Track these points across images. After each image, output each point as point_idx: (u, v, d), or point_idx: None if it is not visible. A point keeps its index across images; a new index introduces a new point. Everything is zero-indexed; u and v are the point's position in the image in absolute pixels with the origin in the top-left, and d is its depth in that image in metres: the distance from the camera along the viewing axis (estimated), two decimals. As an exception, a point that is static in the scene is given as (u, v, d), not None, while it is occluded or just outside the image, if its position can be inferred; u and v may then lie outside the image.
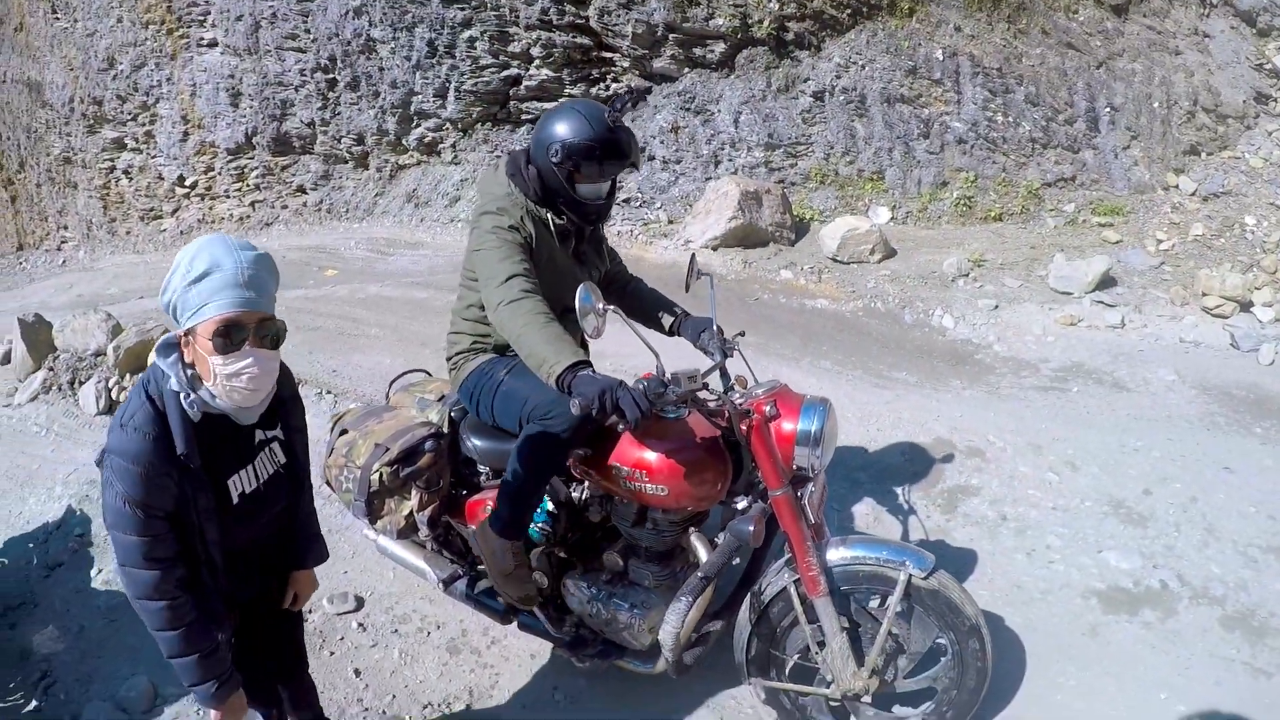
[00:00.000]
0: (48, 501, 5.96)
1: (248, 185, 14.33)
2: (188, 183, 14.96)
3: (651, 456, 2.82)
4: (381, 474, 3.31)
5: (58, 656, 4.49)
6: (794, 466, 2.81)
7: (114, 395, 7.10)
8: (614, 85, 10.76)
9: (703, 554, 2.97)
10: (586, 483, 3.20)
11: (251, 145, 13.90)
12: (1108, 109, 8.75)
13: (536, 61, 10.97)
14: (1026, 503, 4.39)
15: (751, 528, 2.68)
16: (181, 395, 2.06)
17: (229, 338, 2.00)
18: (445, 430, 3.48)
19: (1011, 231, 8.29)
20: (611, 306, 2.63)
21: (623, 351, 5.62)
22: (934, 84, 9.00)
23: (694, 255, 3.38)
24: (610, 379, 2.46)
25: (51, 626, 4.68)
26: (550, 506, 3.32)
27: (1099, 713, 3.22)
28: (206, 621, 2.25)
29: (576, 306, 2.52)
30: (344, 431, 3.60)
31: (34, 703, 4.26)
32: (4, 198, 18.73)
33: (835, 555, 2.76)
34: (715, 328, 3.22)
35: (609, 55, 10.67)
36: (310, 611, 4.30)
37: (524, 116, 11.43)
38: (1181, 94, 8.81)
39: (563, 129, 2.87)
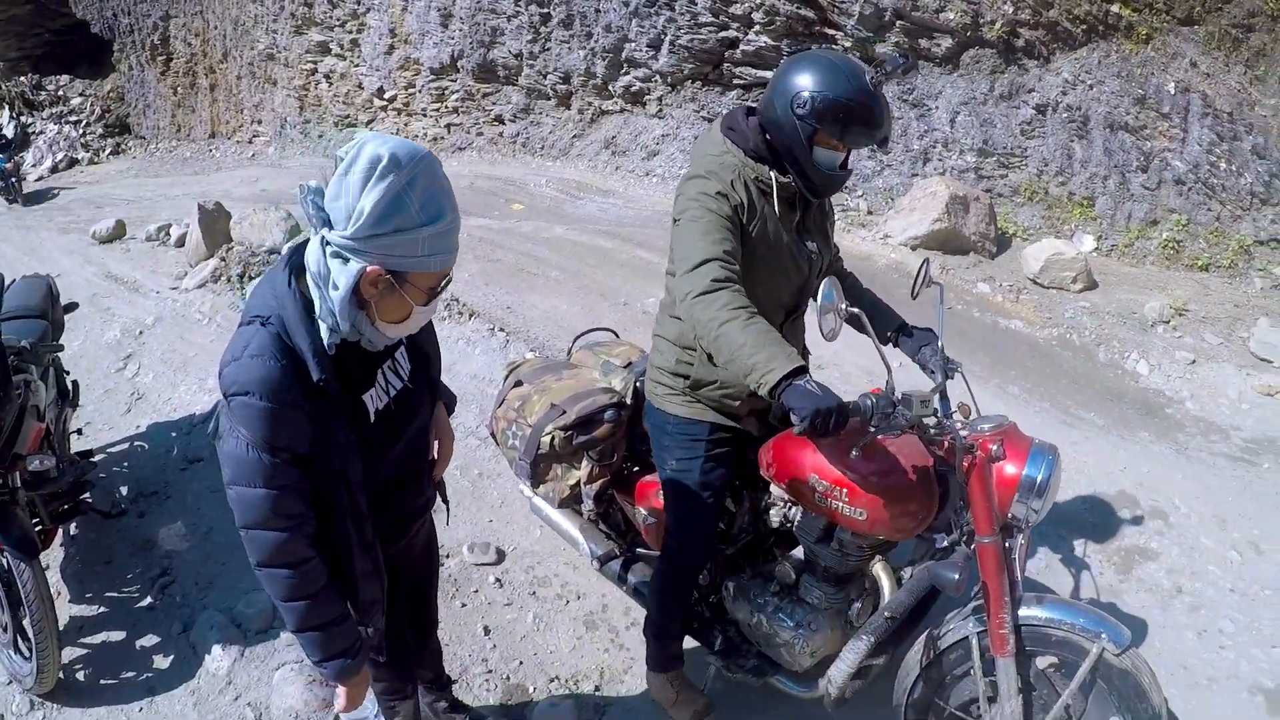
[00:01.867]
0: (199, 392, 6.29)
1: (446, 107, 14.95)
2: (387, 95, 15.72)
3: (856, 476, 2.65)
4: (554, 437, 3.24)
5: (180, 555, 4.62)
6: (1009, 515, 2.62)
7: (284, 293, 7.51)
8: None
9: (885, 585, 2.89)
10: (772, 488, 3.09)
11: (456, 68, 14.45)
12: (1334, 174, 8.67)
13: (757, 27, 11.13)
14: (1205, 578, 4.37)
15: (957, 576, 2.54)
16: (326, 326, 1.92)
17: (438, 290, 2.00)
18: (628, 401, 3.38)
19: (1217, 284, 8.30)
20: (855, 309, 2.53)
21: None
22: (1161, 117, 9.03)
23: (926, 260, 3.12)
24: (830, 395, 2.28)
25: (180, 523, 4.82)
26: (729, 504, 3.25)
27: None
28: (335, 588, 2.13)
29: (817, 303, 2.43)
30: (518, 383, 3.55)
31: (149, 599, 4.38)
32: (204, 85, 20.06)
33: (1027, 613, 2.64)
34: (939, 344, 2.99)
35: (832, 32, 10.83)
36: (448, 557, 4.33)
37: (735, 81, 11.67)
38: None
39: (814, 79, 2.56)
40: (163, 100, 21.79)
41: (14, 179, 17.37)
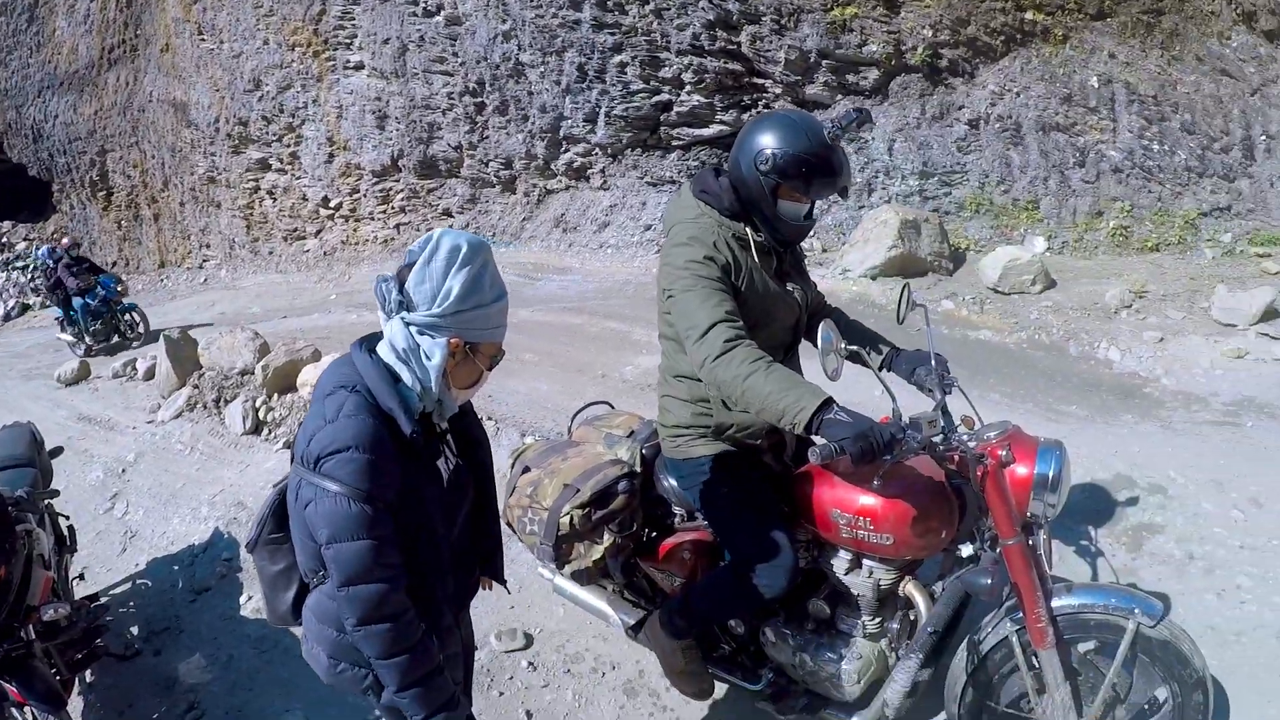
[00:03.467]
0: (193, 522, 6.18)
1: (393, 208, 15.12)
2: (332, 204, 15.86)
3: (878, 503, 2.76)
4: (572, 517, 3.22)
5: (205, 687, 4.50)
6: (1028, 514, 2.72)
7: (260, 415, 7.46)
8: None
9: (920, 603, 2.94)
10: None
11: (397, 168, 14.66)
12: (1264, 137, 8.96)
13: (688, 87, 11.48)
14: (1213, 541, 4.37)
15: (989, 581, 2.65)
16: (418, 389, 2.14)
17: (497, 358, 2.29)
18: (638, 469, 3.39)
19: (1170, 262, 8.58)
20: (853, 347, 2.65)
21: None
22: (1089, 111, 9.40)
23: (907, 285, 3.18)
24: (861, 419, 2.41)
25: (199, 655, 4.69)
26: None
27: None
28: (431, 639, 2.22)
29: (818, 345, 2.56)
30: (526, 469, 3.53)
31: None
32: (147, 216, 20.06)
33: (1060, 603, 2.72)
34: (932, 363, 3.05)
35: (761, 82, 11.22)
36: (477, 649, 4.12)
37: (674, 143, 11.98)
38: (1338, 119, 9.01)
39: (775, 138, 2.75)
40: (108, 235, 21.78)
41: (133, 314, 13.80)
